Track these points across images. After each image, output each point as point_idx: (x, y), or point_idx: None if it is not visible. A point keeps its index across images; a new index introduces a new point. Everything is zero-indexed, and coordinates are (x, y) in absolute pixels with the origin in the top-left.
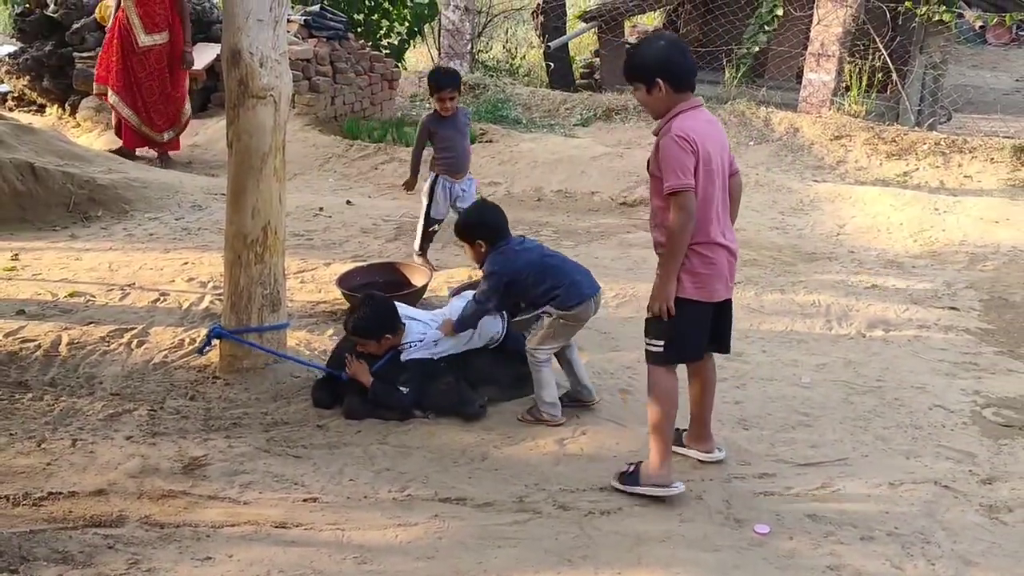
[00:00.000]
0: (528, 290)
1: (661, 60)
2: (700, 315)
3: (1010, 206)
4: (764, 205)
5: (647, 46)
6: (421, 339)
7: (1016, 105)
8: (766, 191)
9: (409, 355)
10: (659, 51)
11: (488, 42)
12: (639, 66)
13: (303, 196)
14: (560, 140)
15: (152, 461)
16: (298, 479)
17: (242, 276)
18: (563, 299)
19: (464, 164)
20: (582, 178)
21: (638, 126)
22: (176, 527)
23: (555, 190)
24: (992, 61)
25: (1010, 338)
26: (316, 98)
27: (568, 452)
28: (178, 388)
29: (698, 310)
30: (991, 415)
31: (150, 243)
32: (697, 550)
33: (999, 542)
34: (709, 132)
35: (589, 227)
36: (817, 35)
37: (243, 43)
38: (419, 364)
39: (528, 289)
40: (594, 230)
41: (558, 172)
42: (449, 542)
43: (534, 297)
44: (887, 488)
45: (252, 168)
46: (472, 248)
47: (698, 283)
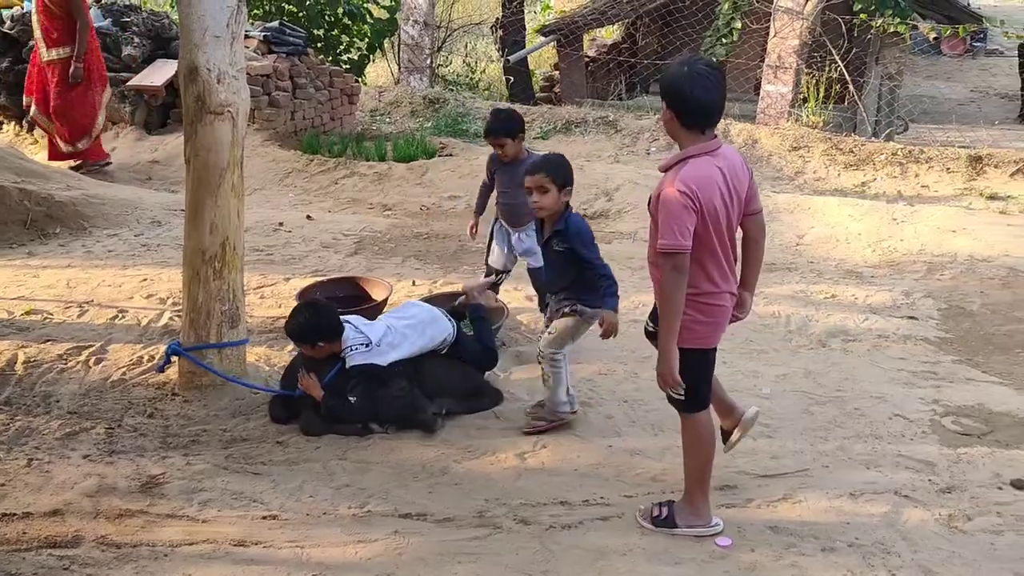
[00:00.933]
0: (583, 272)
1: (672, 85)
2: (708, 360)
3: (966, 216)
4: None
5: (672, 66)
6: (366, 343)
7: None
8: None
9: (353, 360)
10: (673, 75)
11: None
12: (661, 83)
13: (263, 211)
14: None
15: (109, 480)
16: (257, 496)
17: (200, 292)
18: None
19: (521, 214)
20: None
21: (597, 139)
22: (133, 547)
23: None
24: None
25: (968, 347)
26: (276, 113)
27: (529, 466)
28: (136, 406)
29: (706, 356)
30: (950, 424)
31: (109, 260)
32: (658, 564)
33: (958, 551)
34: (719, 181)
35: None
36: (774, 47)
37: (200, 59)
38: (369, 372)
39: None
40: None
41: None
42: (409, 558)
43: (579, 284)
44: (848, 499)
45: (210, 184)
46: (556, 192)
47: (701, 334)
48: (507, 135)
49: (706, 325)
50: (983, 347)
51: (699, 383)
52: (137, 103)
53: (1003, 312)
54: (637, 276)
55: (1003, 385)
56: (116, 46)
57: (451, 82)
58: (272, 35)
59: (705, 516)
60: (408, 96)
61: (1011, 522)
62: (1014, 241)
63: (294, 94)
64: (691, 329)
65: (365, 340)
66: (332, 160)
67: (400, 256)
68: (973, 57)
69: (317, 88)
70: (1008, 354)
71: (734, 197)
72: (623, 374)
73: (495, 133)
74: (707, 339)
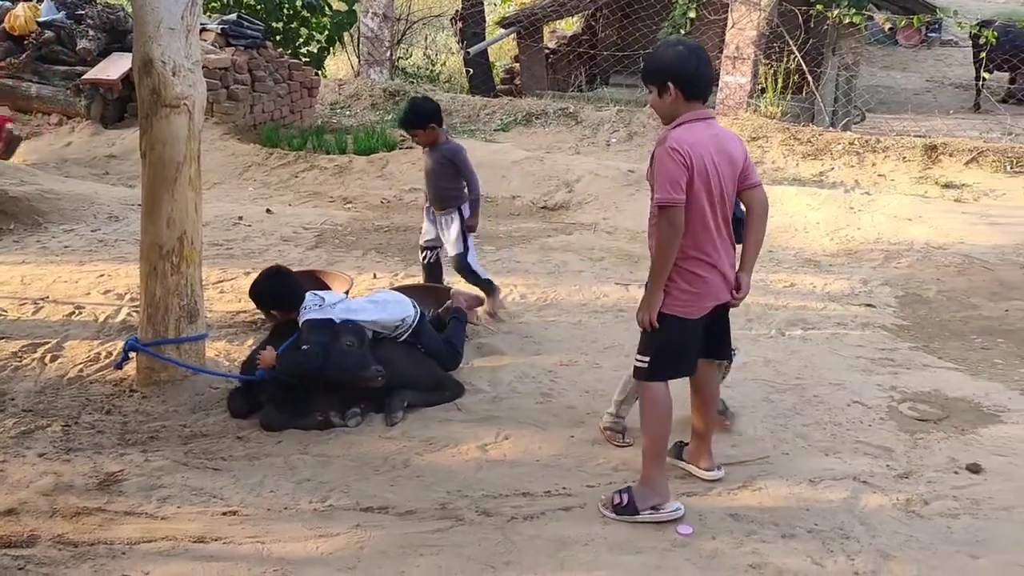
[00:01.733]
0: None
1: (676, 65)
2: (685, 331)
3: (922, 204)
4: None
5: (665, 49)
6: (318, 304)
7: (926, 104)
8: None
9: (307, 315)
10: (676, 56)
11: (408, 49)
12: (654, 68)
13: (222, 205)
14: (480, 145)
15: (66, 478)
16: (217, 492)
17: (158, 287)
18: None
19: (434, 198)
20: (503, 183)
21: (558, 131)
22: (90, 545)
23: None
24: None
25: (924, 333)
26: (234, 107)
27: (491, 458)
28: (94, 402)
29: (683, 326)
30: (907, 410)
31: (65, 255)
32: (620, 553)
33: (916, 535)
34: (711, 145)
35: (510, 231)
36: (732, 38)
37: (154, 52)
38: (321, 324)
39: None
40: (515, 234)
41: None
42: (371, 551)
43: None
44: (807, 485)
45: (167, 178)
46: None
47: (682, 301)
48: (413, 126)
49: (686, 293)
50: (939, 333)
51: (665, 352)
52: (93, 97)
53: (958, 299)
54: (598, 267)
55: (958, 371)
56: (71, 39)
57: (411, 75)
58: (230, 28)
59: (663, 493)
60: (368, 89)
61: (967, 505)
62: (969, 228)
63: (253, 87)
64: (671, 294)
65: (319, 301)
66: (292, 153)
67: (361, 249)
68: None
69: (276, 81)
70: (963, 340)
71: (727, 167)
72: (585, 364)
73: (403, 125)
74: (685, 308)
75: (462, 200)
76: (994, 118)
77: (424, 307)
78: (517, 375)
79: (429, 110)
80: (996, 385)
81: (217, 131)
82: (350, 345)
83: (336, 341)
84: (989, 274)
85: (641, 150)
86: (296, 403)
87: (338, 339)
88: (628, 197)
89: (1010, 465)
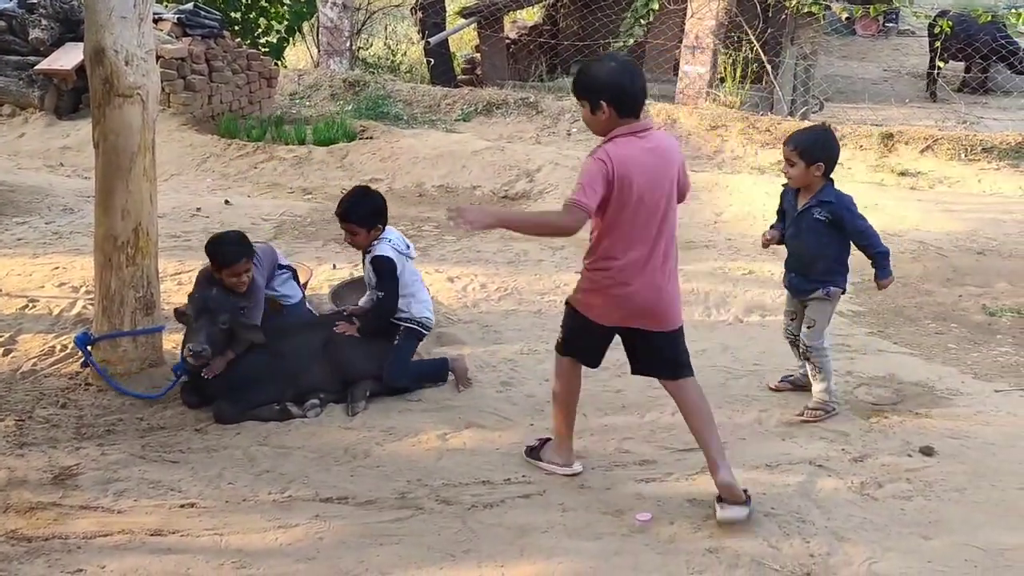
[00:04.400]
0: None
1: (610, 82)
2: (586, 329)
3: (878, 191)
4: None
5: (599, 66)
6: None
7: (883, 94)
8: None
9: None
10: (609, 72)
11: (368, 39)
12: (586, 84)
13: (180, 197)
14: (441, 135)
15: (19, 473)
16: (175, 484)
17: (113, 279)
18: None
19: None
20: (463, 173)
21: (518, 121)
22: (45, 540)
23: (436, 185)
24: (860, 52)
25: (879, 319)
26: (192, 97)
27: (451, 447)
28: (48, 396)
29: (584, 324)
30: (863, 394)
31: (18, 248)
32: (579, 539)
33: (870, 517)
34: (645, 161)
35: None
36: (692, 28)
37: (107, 41)
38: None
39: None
40: None
41: (439, 167)
42: (330, 542)
43: (838, 259)
44: (764, 470)
45: (120, 168)
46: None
47: (586, 302)
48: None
49: (592, 294)
50: (894, 319)
51: (569, 338)
52: (46, 88)
53: (913, 285)
54: (559, 256)
55: (913, 355)
56: (23, 29)
57: (371, 65)
58: (186, 17)
59: (565, 457)
60: (328, 79)
61: (920, 487)
62: (924, 216)
63: (210, 77)
64: (584, 291)
65: (398, 244)
66: (251, 144)
67: (321, 240)
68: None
69: (235, 71)
70: (918, 325)
71: (664, 182)
72: (545, 353)
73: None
74: (590, 309)
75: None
76: (949, 107)
77: None
78: (477, 364)
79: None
80: (949, 369)
81: (174, 122)
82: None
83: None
84: (943, 260)
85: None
86: (249, 395)
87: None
88: None
89: (962, 448)
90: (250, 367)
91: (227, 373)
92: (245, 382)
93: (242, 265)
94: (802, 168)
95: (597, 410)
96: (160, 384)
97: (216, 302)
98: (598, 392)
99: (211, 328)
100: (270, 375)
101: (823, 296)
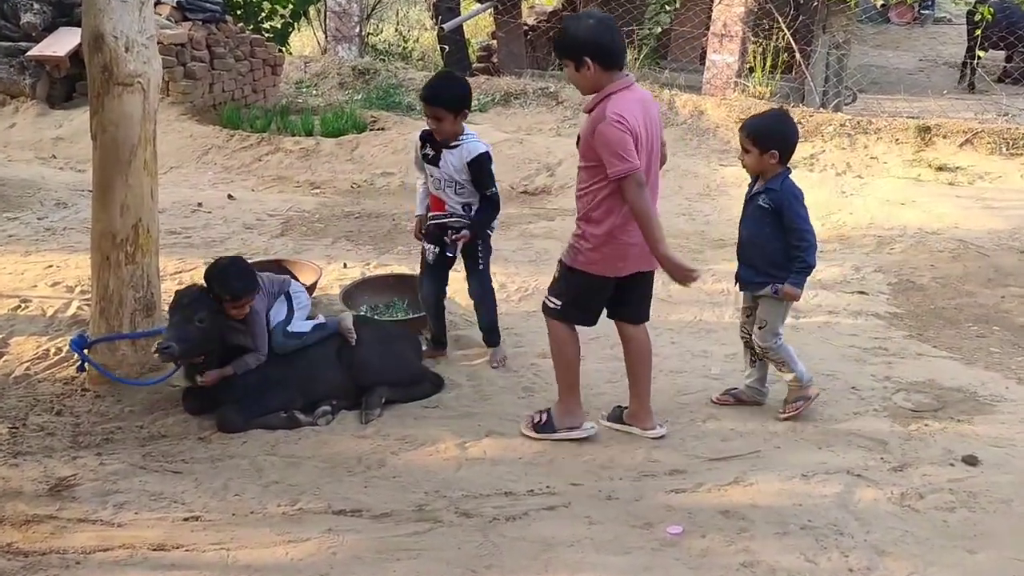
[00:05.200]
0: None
1: (590, 38)
2: (593, 288)
3: (915, 187)
4: (670, 191)
5: (576, 23)
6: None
7: (919, 84)
8: (672, 176)
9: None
10: (588, 29)
11: (379, 24)
12: (568, 44)
13: (180, 191)
14: None
15: (14, 484)
16: (178, 497)
17: (111, 279)
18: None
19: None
20: None
21: (538, 112)
22: (42, 555)
23: None
24: (895, 40)
25: (918, 321)
26: (192, 85)
27: (470, 456)
28: (43, 403)
29: (591, 283)
30: (901, 400)
31: (9, 245)
32: (607, 553)
33: (911, 530)
34: (641, 112)
35: None
36: (719, 15)
37: (106, 26)
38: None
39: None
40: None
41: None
42: (344, 557)
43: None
44: (800, 480)
45: (119, 161)
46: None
47: (593, 259)
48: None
49: (599, 250)
50: (933, 321)
51: (573, 303)
52: (38, 75)
53: (953, 285)
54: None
55: (953, 360)
56: (14, 13)
57: (382, 52)
58: (186, 1)
59: (578, 416)
60: (336, 67)
61: (963, 499)
62: (963, 213)
63: (212, 65)
64: (586, 253)
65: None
66: (255, 135)
67: (330, 237)
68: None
69: (237, 58)
70: (958, 328)
71: (655, 129)
72: None
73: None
74: (599, 267)
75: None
76: (989, 98)
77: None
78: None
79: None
80: (992, 374)
81: (173, 111)
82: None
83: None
84: (984, 260)
85: None
86: (256, 401)
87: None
88: None
89: (1007, 456)
90: (257, 372)
91: (231, 378)
92: (251, 388)
93: (247, 299)
94: (756, 155)
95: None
96: (161, 389)
97: (193, 299)
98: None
99: (185, 326)
100: (278, 381)
101: (772, 295)
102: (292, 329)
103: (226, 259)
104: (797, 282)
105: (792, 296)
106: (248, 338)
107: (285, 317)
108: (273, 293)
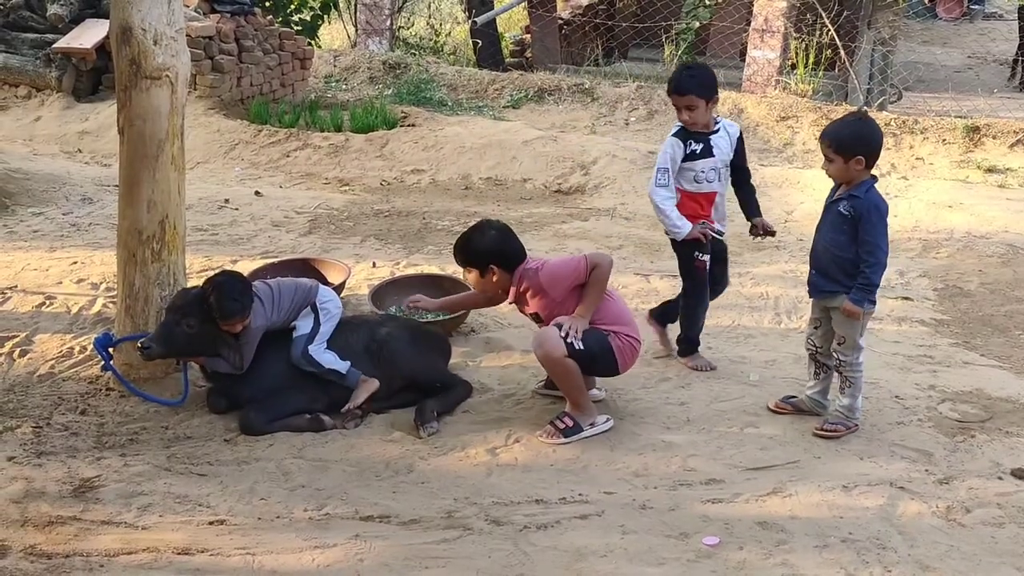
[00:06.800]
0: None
1: (495, 248)
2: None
3: (963, 189)
4: None
5: (478, 235)
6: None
7: (968, 83)
8: None
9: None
10: (492, 240)
11: (410, 18)
12: (474, 256)
13: (207, 187)
14: (489, 123)
15: (38, 484)
16: (203, 499)
17: (137, 276)
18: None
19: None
20: (513, 164)
21: (572, 108)
22: (65, 557)
23: (484, 177)
24: (943, 36)
25: (965, 329)
26: (220, 79)
27: (501, 462)
28: (67, 402)
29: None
30: (947, 410)
31: (34, 241)
32: (641, 564)
33: (957, 545)
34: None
35: (521, 217)
36: (761, 10)
37: (134, 18)
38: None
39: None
40: (527, 220)
41: (487, 158)
42: (371, 564)
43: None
44: (841, 491)
45: (147, 156)
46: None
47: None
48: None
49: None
50: (981, 329)
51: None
52: (64, 67)
53: (1002, 292)
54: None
55: (1002, 369)
56: (41, 5)
57: (413, 46)
58: None
59: (592, 412)
60: (366, 61)
61: (1012, 513)
62: (1013, 216)
63: (240, 58)
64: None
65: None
66: (283, 131)
67: (359, 235)
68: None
69: (266, 51)
70: (1007, 336)
71: None
72: None
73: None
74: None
75: None
76: None
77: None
78: (529, 373)
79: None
80: None
81: (200, 106)
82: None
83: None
84: None
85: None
86: (280, 402)
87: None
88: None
89: None
90: (282, 371)
91: (256, 378)
92: (276, 388)
93: (237, 320)
94: (840, 163)
95: (660, 425)
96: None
97: (188, 302)
98: (659, 405)
99: (172, 328)
100: (303, 380)
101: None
102: (312, 354)
103: (225, 276)
104: (857, 299)
105: (851, 313)
106: (235, 354)
107: (310, 331)
108: (294, 308)
